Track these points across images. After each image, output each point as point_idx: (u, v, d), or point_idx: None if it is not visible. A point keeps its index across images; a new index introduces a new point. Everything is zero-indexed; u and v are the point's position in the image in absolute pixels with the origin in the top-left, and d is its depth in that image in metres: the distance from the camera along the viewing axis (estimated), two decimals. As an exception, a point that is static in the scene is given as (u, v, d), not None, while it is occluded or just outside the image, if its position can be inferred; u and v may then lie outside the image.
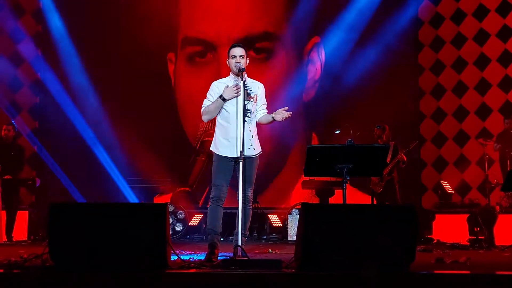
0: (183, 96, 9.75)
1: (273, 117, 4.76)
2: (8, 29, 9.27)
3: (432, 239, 7.84)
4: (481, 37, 9.22)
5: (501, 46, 9.05)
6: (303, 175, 5.83)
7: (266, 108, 4.92)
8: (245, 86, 4.68)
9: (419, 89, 9.67)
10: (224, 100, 4.69)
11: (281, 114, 4.69)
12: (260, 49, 9.56)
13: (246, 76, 4.80)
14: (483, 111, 9.14)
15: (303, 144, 9.30)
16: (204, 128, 9.25)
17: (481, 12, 9.22)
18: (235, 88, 4.65)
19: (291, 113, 4.69)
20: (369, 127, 7.99)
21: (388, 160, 7.61)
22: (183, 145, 9.51)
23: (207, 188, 9.11)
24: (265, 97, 4.96)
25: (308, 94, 9.69)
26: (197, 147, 9.43)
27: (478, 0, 9.23)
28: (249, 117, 4.72)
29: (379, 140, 7.80)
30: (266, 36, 9.60)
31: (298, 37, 9.72)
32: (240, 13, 9.66)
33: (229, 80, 4.85)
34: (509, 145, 8.02)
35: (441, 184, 8.65)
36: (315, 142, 9.57)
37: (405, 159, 7.65)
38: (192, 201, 9.11)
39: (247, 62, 4.84)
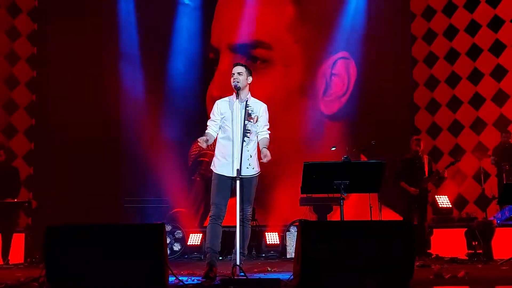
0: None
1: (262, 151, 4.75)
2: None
3: (430, 254, 7.82)
4: (474, 52, 9.35)
5: (494, 60, 9.17)
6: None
7: (268, 129, 4.88)
8: (246, 106, 4.70)
9: (413, 104, 9.75)
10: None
11: (265, 159, 4.66)
12: (258, 57, 9.60)
13: (249, 95, 4.83)
14: (478, 125, 9.21)
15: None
16: (199, 148, 9.24)
17: (473, 27, 9.38)
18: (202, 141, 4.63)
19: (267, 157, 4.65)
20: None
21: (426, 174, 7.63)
22: (180, 165, 9.49)
23: (202, 208, 9.11)
24: (268, 116, 4.93)
25: (330, 107, 9.66)
26: (191, 166, 9.40)
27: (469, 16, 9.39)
28: (248, 137, 4.72)
29: (412, 153, 7.69)
30: (263, 44, 9.63)
31: (311, 49, 9.70)
32: (247, 20, 9.72)
33: (231, 99, 4.87)
34: (504, 159, 8.05)
35: (434, 199, 8.62)
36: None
37: (446, 175, 7.65)
38: (187, 221, 9.07)
39: (249, 80, 4.85)
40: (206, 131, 4.86)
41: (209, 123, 4.89)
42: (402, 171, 7.69)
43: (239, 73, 4.77)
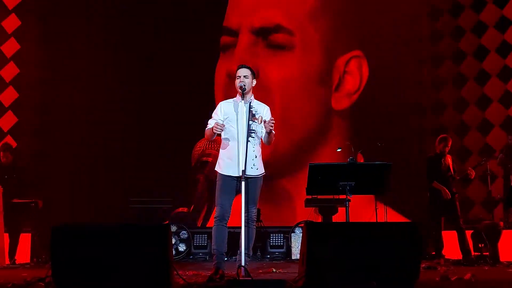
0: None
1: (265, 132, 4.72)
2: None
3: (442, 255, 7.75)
4: (481, 53, 9.34)
5: (500, 61, 9.15)
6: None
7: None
8: (250, 107, 4.72)
9: (422, 107, 9.71)
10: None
11: (265, 124, 4.64)
12: (275, 41, 9.48)
13: (252, 97, 4.85)
14: (485, 127, 9.17)
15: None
16: (202, 148, 9.25)
17: (480, 28, 9.35)
18: (218, 126, 4.64)
19: (272, 120, 4.64)
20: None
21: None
22: (184, 165, 9.49)
23: (205, 208, 9.11)
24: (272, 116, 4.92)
25: (339, 103, 9.56)
26: (195, 166, 9.39)
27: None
28: (253, 137, 4.73)
29: (438, 152, 7.43)
30: (282, 29, 9.52)
31: (329, 41, 9.59)
32: (269, 3, 9.72)
33: (235, 100, 4.88)
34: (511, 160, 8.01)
35: None
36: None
37: (473, 177, 7.33)
38: (190, 221, 9.07)
39: (253, 83, 4.87)
40: (208, 127, 4.83)
41: (210, 121, 4.88)
42: (432, 171, 7.38)
43: (245, 76, 4.80)
